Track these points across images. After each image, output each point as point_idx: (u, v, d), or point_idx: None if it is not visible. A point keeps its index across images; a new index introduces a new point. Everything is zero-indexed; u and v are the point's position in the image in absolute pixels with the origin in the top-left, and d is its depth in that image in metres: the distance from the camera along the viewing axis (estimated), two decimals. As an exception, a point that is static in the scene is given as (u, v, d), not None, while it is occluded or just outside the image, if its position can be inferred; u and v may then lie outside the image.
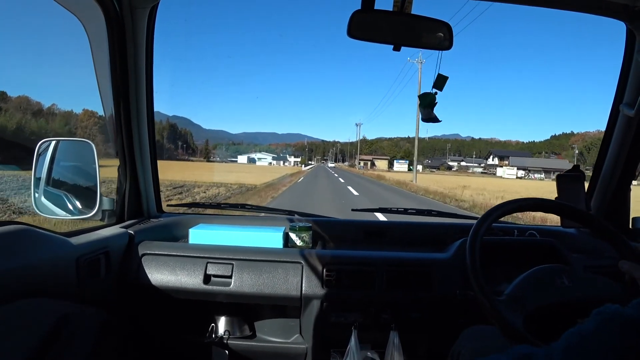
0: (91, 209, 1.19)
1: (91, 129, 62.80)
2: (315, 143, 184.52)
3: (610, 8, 1.18)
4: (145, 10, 1.23)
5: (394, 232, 1.50)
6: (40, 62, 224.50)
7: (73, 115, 71.97)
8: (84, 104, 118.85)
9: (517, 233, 1.42)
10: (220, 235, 1.32)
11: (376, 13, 1.05)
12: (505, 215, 0.94)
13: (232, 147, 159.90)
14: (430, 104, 1.19)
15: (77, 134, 60.66)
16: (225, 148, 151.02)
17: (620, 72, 1.33)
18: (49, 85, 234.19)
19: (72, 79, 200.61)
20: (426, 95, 1.19)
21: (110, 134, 1.31)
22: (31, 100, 65.34)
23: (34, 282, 0.84)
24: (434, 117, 1.20)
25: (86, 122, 66.45)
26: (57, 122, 61.28)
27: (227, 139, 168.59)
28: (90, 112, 71.14)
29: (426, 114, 1.20)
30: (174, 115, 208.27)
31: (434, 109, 1.20)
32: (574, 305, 0.83)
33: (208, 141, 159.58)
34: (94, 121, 66.37)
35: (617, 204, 1.42)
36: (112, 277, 1.12)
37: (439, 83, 1.18)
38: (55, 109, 72.16)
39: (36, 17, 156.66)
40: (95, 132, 61.15)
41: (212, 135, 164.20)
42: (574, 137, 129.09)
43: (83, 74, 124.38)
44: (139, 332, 1.26)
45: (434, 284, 1.16)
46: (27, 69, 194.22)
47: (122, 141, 1.30)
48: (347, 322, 1.16)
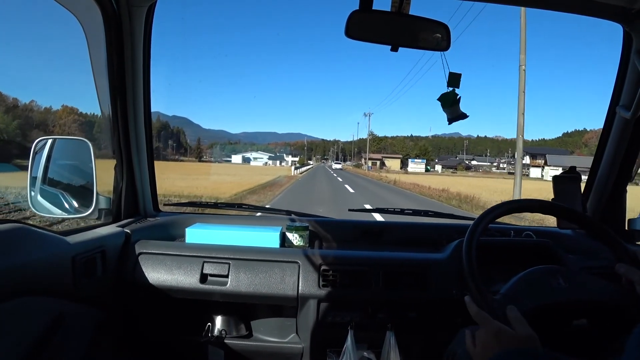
0: (88, 207, 1.19)
1: (70, 127, 59.61)
2: (315, 142, 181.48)
3: (607, 10, 1.19)
4: (143, 9, 1.22)
5: (391, 232, 1.50)
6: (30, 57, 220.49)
7: (52, 112, 68.37)
8: (65, 100, 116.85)
9: (513, 234, 1.42)
10: (217, 234, 1.32)
11: (374, 13, 1.05)
12: (502, 216, 0.95)
13: (229, 146, 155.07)
14: (454, 102, 1.17)
15: (55, 132, 57.28)
16: (220, 147, 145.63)
17: (617, 74, 1.33)
18: (28, 79, 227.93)
19: (55, 74, 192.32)
20: (446, 96, 1.17)
21: (107, 132, 1.31)
22: (5, 96, 61.44)
23: (30, 280, 0.84)
24: (462, 114, 1.18)
25: (65, 119, 63.35)
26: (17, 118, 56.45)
27: (226, 139, 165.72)
28: (70, 109, 67.99)
29: (452, 113, 1.18)
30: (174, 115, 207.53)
31: (459, 104, 1.17)
32: (569, 306, 0.83)
33: (200, 139, 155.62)
34: (73, 118, 62.69)
35: (613, 206, 1.42)
36: (108, 276, 1.12)
37: (453, 81, 1.16)
38: (34, 106, 68.68)
39: (34, 15, 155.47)
40: (75, 130, 58.02)
41: (211, 135, 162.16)
42: (588, 134, 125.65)
43: (65, 69, 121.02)
44: (135, 331, 1.26)
45: (431, 284, 1.17)
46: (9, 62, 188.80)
47: (119, 140, 1.29)
48: (344, 322, 1.16)
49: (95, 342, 1.08)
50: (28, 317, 0.85)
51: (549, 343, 0.80)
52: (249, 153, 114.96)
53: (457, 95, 1.17)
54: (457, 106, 1.18)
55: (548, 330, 0.81)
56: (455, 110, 1.18)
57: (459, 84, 1.16)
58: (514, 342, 0.69)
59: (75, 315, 0.99)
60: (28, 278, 0.84)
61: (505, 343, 0.69)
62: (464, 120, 1.18)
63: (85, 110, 69.63)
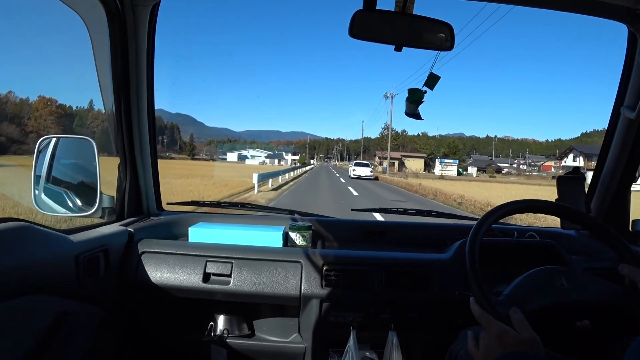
0: (91, 206, 1.20)
1: (46, 119, 55.87)
2: (318, 140, 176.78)
3: (611, 10, 1.19)
4: (147, 9, 1.23)
5: (393, 232, 1.50)
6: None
7: (26, 103, 62.39)
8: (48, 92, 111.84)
9: (516, 234, 1.42)
10: (219, 233, 1.32)
11: (378, 13, 1.05)
12: (505, 216, 0.94)
13: (228, 144, 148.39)
14: (417, 101, 1.21)
15: (30, 125, 52.90)
16: (218, 145, 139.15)
17: (622, 75, 1.33)
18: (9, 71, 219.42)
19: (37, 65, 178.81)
20: (416, 91, 1.21)
21: (110, 131, 1.31)
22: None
23: (33, 279, 0.84)
24: (417, 114, 1.23)
25: (41, 111, 59.30)
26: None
27: (230, 137, 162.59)
28: (48, 100, 63.67)
29: (411, 109, 1.22)
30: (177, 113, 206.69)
31: (419, 107, 1.23)
32: (572, 307, 0.83)
33: (193, 136, 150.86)
34: (50, 110, 58.71)
35: (617, 206, 1.42)
36: (111, 275, 1.12)
37: (431, 82, 1.19)
38: (11, 97, 63.71)
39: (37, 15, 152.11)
40: (50, 123, 53.78)
41: (215, 132, 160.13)
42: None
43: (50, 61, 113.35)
44: (138, 330, 1.26)
45: (433, 285, 1.16)
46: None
47: (122, 139, 1.30)
48: (346, 322, 1.16)
49: (98, 340, 1.08)
50: (31, 316, 0.86)
51: (552, 344, 0.80)
52: (245, 151, 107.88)
53: (422, 97, 1.21)
54: (417, 106, 1.22)
55: (551, 331, 0.81)
56: (414, 109, 1.23)
57: (433, 87, 1.20)
58: (517, 344, 0.69)
59: (78, 313, 1.00)
60: (31, 276, 0.84)
61: (508, 345, 0.69)
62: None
63: (65, 102, 64.33)
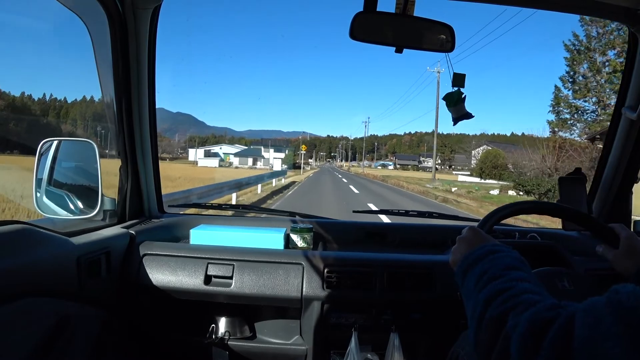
0: (92, 208, 1.19)
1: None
2: (319, 138, 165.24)
3: (613, 11, 1.18)
4: (148, 11, 1.23)
5: (395, 234, 1.50)
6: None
7: None
8: None
9: (518, 235, 1.42)
10: (221, 235, 1.32)
11: (379, 15, 1.05)
12: (506, 218, 0.94)
13: (201, 139, 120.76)
14: (458, 100, 1.16)
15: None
16: (186, 140, 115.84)
17: (623, 75, 1.33)
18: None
19: None
20: (450, 95, 1.16)
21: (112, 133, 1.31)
22: None
23: (35, 281, 0.84)
24: (467, 113, 1.17)
25: None
26: None
27: (231, 136, 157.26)
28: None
29: (457, 112, 1.17)
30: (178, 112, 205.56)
31: (465, 103, 1.16)
32: None
33: (161, 133, 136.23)
34: None
35: (618, 207, 1.41)
36: (112, 277, 1.12)
37: (458, 81, 1.15)
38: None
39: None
40: None
41: (216, 132, 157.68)
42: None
43: None
44: (140, 332, 1.26)
45: (435, 286, 1.16)
46: None
47: (123, 141, 1.30)
48: (348, 324, 1.16)
49: (100, 343, 1.08)
50: (33, 318, 0.86)
51: None
52: (218, 147, 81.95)
53: (462, 94, 1.16)
54: (462, 105, 1.17)
55: None
56: (461, 109, 1.17)
57: (463, 84, 1.15)
58: None
59: (80, 316, 1.00)
60: (33, 279, 0.84)
61: None
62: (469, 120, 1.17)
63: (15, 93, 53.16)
